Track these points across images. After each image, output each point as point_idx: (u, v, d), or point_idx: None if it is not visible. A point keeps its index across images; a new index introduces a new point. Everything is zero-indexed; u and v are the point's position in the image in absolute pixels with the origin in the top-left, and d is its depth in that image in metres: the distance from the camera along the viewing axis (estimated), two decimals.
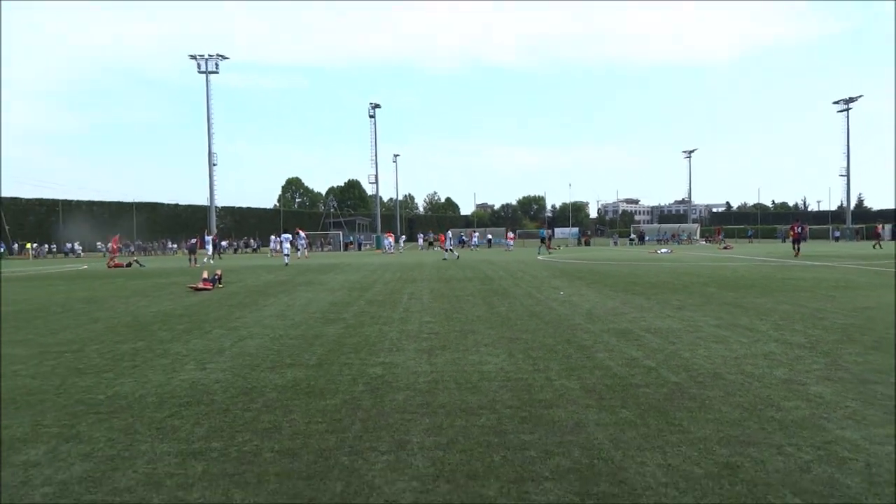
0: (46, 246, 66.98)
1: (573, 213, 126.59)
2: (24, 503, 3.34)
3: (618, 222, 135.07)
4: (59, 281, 23.32)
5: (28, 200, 71.68)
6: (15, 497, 3.61)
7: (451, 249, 36.48)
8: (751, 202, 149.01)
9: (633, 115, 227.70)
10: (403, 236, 75.47)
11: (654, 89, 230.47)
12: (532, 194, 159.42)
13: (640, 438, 4.36)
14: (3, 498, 3.39)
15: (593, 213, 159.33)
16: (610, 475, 3.75)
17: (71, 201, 75.56)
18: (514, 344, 8.01)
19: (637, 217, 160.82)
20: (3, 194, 69.46)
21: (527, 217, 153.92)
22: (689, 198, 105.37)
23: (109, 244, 40.31)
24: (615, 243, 73.99)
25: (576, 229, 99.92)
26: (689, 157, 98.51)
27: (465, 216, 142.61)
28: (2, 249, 61.30)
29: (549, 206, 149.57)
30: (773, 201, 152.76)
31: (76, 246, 65.60)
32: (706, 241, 76.50)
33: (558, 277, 19.20)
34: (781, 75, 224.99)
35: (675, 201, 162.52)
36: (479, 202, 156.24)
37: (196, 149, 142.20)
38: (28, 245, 63.22)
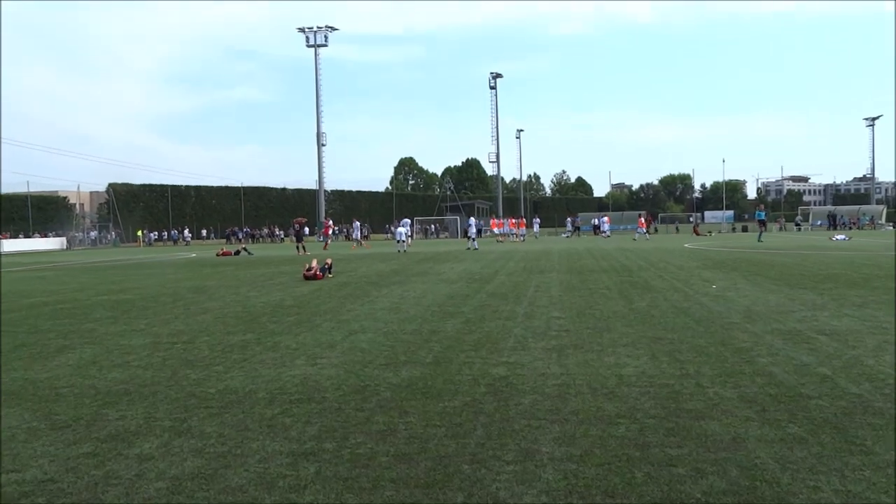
0: (156, 233, 72.25)
1: (727, 194, 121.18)
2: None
3: (782, 203, 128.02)
4: (170, 269, 25.10)
5: (139, 186, 77.65)
6: (132, 490, 3.93)
7: (472, 238, 37.30)
8: None
9: (801, 74, 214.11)
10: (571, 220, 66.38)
11: (825, 41, 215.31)
12: (677, 172, 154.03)
13: (813, 458, 4.13)
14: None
15: (751, 194, 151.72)
16: (775, 500, 3.57)
17: (180, 186, 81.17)
18: (657, 344, 7.81)
19: (806, 198, 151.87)
20: (113, 180, 75.69)
21: (671, 199, 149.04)
22: (872, 174, 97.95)
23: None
24: (781, 227, 70.09)
25: (731, 212, 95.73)
26: (873, 125, 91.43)
27: (599, 198, 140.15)
28: (116, 238, 66.90)
29: (697, 186, 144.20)
30: None
31: (185, 233, 70.28)
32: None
33: (710, 269, 18.50)
34: None
35: (855, 178, 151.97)
36: (614, 182, 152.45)
37: (305, 129, 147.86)
38: (139, 232, 68.52)
